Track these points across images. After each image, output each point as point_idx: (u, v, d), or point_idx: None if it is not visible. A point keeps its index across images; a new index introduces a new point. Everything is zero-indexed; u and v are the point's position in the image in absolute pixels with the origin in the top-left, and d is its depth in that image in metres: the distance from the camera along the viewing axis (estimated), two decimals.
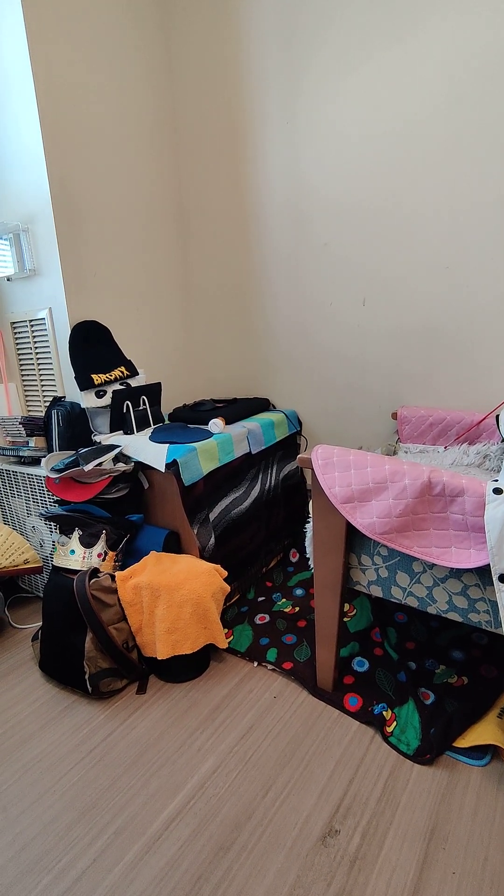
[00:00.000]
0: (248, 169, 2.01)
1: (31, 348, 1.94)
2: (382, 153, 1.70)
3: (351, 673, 1.41)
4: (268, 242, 2.05)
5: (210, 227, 2.19)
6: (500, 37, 1.44)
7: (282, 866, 0.95)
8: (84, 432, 1.81)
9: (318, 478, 1.17)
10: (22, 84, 1.62)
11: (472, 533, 1.01)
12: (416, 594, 1.16)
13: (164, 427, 1.83)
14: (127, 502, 1.68)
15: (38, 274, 1.82)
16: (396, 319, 1.82)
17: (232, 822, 1.04)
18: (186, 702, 1.37)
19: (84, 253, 1.83)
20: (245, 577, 1.84)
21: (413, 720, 1.23)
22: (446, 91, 1.55)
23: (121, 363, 1.87)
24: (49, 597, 1.48)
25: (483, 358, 1.68)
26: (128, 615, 1.44)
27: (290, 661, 1.47)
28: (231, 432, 1.76)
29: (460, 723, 1.20)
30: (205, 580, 1.44)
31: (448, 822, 1.02)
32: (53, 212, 1.70)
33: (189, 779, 1.14)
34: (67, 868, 0.98)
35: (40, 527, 1.84)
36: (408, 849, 0.97)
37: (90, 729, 1.30)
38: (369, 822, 1.03)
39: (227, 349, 2.31)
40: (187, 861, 0.97)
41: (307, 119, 1.82)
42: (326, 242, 1.90)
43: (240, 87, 1.95)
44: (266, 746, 1.22)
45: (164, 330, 2.24)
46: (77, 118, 1.75)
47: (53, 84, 1.65)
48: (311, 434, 2.17)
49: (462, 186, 1.59)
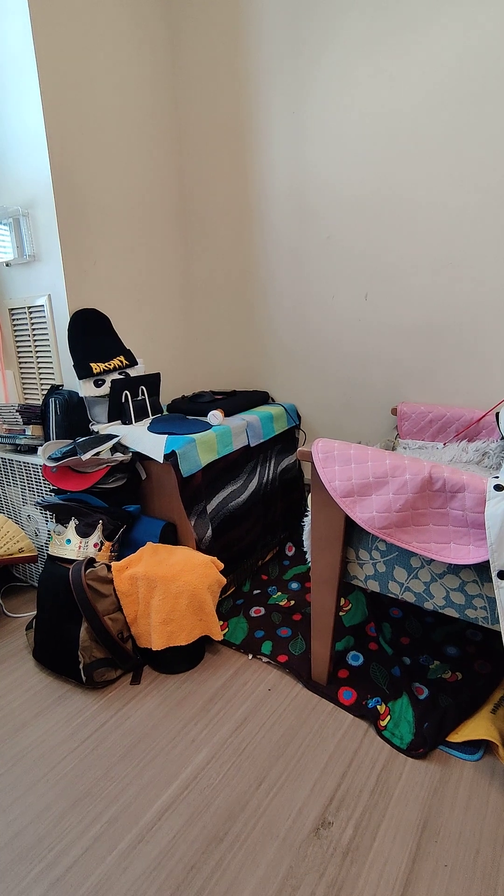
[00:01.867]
0: (252, 160, 1.99)
1: (30, 335, 1.92)
2: (387, 147, 1.69)
3: (345, 667, 1.42)
4: (270, 234, 2.03)
5: (212, 217, 2.17)
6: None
7: (274, 857, 0.96)
8: (82, 421, 1.80)
9: (318, 471, 1.17)
10: (25, 68, 1.60)
11: (471, 529, 1.01)
12: (414, 589, 1.16)
13: (163, 418, 1.82)
14: (124, 493, 1.67)
15: (38, 260, 1.80)
16: (398, 314, 1.82)
17: (225, 813, 1.04)
18: (181, 693, 1.37)
19: (85, 240, 1.80)
20: (241, 569, 1.83)
21: (407, 714, 1.24)
22: (451, 86, 1.53)
23: (120, 352, 1.86)
24: (44, 586, 1.47)
25: (484, 355, 1.68)
26: (123, 606, 1.43)
27: (284, 654, 1.47)
28: (230, 424, 1.75)
29: (454, 718, 1.21)
30: (201, 572, 1.44)
31: (440, 816, 1.02)
32: (54, 197, 1.68)
33: (183, 769, 1.14)
34: (60, 856, 0.97)
35: (36, 515, 1.83)
36: (400, 841, 0.98)
37: (84, 719, 1.30)
38: (362, 814, 1.03)
39: (228, 341, 2.30)
40: (180, 851, 0.97)
41: (312, 111, 1.80)
42: (329, 236, 1.88)
43: (244, 77, 1.92)
44: (260, 738, 1.22)
45: (164, 320, 2.22)
46: (80, 104, 1.72)
47: (57, 69, 1.63)
48: (310, 428, 2.17)
49: (466, 182, 1.58)
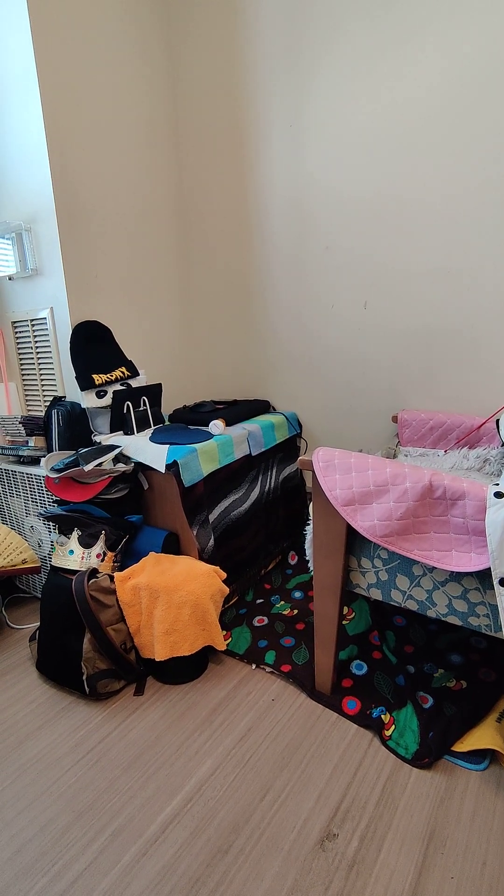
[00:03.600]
0: (251, 171, 2.02)
1: (32, 348, 1.93)
2: (386, 157, 1.71)
3: (349, 676, 1.41)
4: (269, 244, 2.05)
5: (212, 228, 2.20)
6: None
7: (279, 870, 0.95)
8: (84, 432, 1.81)
9: (318, 480, 1.17)
10: (26, 83, 1.63)
11: (472, 536, 1.01)
12: (416, 597, 1.16)
13: (165, 428, 1.83)
14: (126, 503, 1.67)
15: (40, 274, 1.82)
16: (398, 322, 1.83)
17: (230, 825, 1.04)
18: (184, 703, 1.37)
19: (86, 253, 1.83)
20: (244, 579, 1.83)
21: (411, 724, 1.23)
22: (452, 93, 1.56)
23: (122, 363, 1.87)
24: (47, 597, 1.47)
25: (484, 362, 1.69)
26: (126, 616, 1.43)
27: (288, 664, 1.47)
28: (231, 434, 1.76)
29: (459, 727, 1.20)
30: (204, 582, 1.44)
31: (446, 827, 1.01)
32: (56, 212, 1.71)
33: (187, 781, 1.14)
34: (64, 870, 0.97)
35: (39, 526, 1.84)
36: (406, 853, 0.97)
37: (87, 730, 1.30)
38: (367, 825, 1.02)
39: (228, 350, 2.31)
40: (184, 864, 0.97)
41: (311, 121, 1.83)
42: (328, 245, 1.90)
43: (242, 89, 1.95)
44: (264, 749, 1.21)
45: (165, 331, 2.24)
46: (80, 119, 1.75)
47: (58, 84, 1.66)
48: (311, 436, 2.17)
49: (466, 190, 1.60)
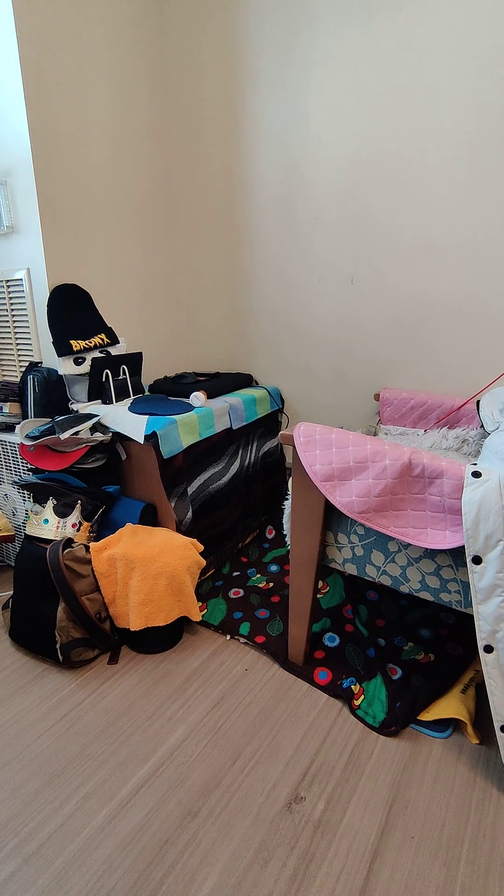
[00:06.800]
0: (241, 134, 1.94)
1: (7, 310, 1.86)
2: (379, 115, 1.66)
3: (322, 648, 1.44)
4: (258, 212, 1.99)
5: (199, 197, 2.12)
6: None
7: (247, 831, 0.98)
8: (61, 400, 1.76)
9: (299, 455, 1.16)
10: (2, 27, 1.51)
11: (448, 515, 1.03)
12: (390, 573, 1.18)
13: (145, 398, 1.79)
14: (104, 473, 1.65)
15: (16, 231, 1.74)
16: (384, 300, 1.81)
17: (200, 788, 1.06)
18: (158, 672, 1.38)
19: (66, 213, 1.74)
20: (221, 551, 1.84)
21: (380, 694, 1.27)
22: (447, 63, 1.51)
23: (101, 330, 1.81)
24: (21, 566, 1.45)
25: (467, 343, 1.69)
26: (101, 586, 1.42)
27: (262, 635, 1.49)
28: (212, 406, 1.74)
29: (425, 697, 1.24)
30: (180, 553, 1.43)
31: (409, 790, 1.06)
32: (33, 165, 1.61)
33: (159, 747, 1.16)
34: (34, 832, 0.98)
35: (13, 494, 1.80)
36: (370, 815, 1.01)
37: (60, 697, 1.30)
38: (334, 789, 1.06)
39: (212, 322, 2.26)
40: (154, 826, 0.99)
41: (301, 87, 1.75)
42: (317, 217, 1.86)
43: (233, 52, 1.86)
44: (236, 717, 1.24)
45: (148, 298, 2.17)
46: (61, 66, 1.64)
47: (37, 30, 1.55)
48: (292, 412, 2.16)
49: (454, 166, 1.56)
